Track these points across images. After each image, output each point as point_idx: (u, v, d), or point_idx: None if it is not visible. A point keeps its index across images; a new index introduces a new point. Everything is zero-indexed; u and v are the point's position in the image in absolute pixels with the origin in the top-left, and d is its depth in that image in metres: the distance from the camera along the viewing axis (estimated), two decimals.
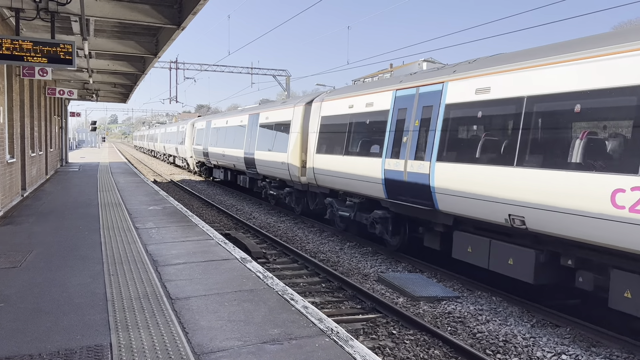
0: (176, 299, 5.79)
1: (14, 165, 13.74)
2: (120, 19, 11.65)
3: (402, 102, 11.01)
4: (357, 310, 8.31)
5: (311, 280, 9.98)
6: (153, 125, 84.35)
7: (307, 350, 4.48)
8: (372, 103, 12.16)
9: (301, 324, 5.10)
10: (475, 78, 8.98)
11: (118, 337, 4.69)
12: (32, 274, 6.75)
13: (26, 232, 9.58)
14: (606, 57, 6.86)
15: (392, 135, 11.18)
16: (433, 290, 9.02)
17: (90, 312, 5.34)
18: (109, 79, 23.24)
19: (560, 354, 6.63)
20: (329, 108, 14.29)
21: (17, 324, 4.99)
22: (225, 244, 8.91)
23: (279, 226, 15.91)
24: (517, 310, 8.25)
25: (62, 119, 32.09)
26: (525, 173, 7.71)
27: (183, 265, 7.34)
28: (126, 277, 6.65)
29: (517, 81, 8.11)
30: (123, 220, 10.98)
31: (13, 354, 4.33)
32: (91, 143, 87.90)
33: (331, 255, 12.09)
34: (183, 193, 24.49)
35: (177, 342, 4.58)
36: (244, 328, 4.96)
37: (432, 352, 6.63)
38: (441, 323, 7.77)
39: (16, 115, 14.13)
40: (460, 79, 9.38)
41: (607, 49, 6.89)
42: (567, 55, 7.46)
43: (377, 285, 9.61)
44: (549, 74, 7.63)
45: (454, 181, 9.12)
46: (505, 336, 7.22)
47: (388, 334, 7.24)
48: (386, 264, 11.29)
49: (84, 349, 4.43)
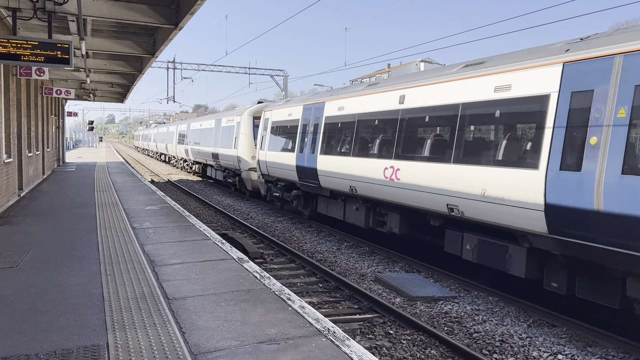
0: (173, 299, 5.79)
1: (11, 165, 13.71)
2: (118, 19, 11.64)
3: (306, 113, 15.88)
4: (354, 310, 8.32)
5: (308, 280, 9.99)
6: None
7: (303, 350, 4.49)
8: (291, 114, 17.02)
9: (298, 324, 5.11)
10: (337, 100, 14.03)
11: (115, 337, 4.69)
12: (29, 274, 6.75)
13: (23, 232, 9.56)
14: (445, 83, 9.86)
15: (300, 136, 16.03)
16: (430, 290, 9.04)
17: (87, 312, 5.34)
18: (106, 78, 23.20)
19: (556, 354, 6.65)
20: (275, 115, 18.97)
21: (13, 324, 4.98)
22: (222, 244, 8.91)
23: (277, 226, 15.92)
24: (513, 310, 8.28)
25: (59, 118, 32.03)
26: (357, 161, 12.47)
27: (180, 265, 7.34)
28: (123, 277, 6.65)
29: (351, 105, 13.23)
30: (120, 221, 10.98)
31: (10, 354, 4.32)
32: (88, 143, 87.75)
33: (328, 255, 12.10)
34: (180, 193, 24.46)
35: (174, 342, 4.59)
36: (241, 328, 4.97)
37: (429, 352, 6.65)
38: (438, 323, 7.78)
39: (13, 115, 14.10)
40: (332, 100, 14.38)
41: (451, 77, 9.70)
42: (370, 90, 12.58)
43: (374, 285, 9.63)
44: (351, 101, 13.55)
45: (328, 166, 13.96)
46: (502, 336, 7.25)
47: (385, 334, 7.26)
48: (383, 264, 11.31)
49: (80, 348, 4.43)
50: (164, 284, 6.39)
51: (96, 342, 4.58)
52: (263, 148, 19.06)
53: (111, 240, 8.96)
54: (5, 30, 12.53)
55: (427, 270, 10.60)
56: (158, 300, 5.73)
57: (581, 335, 7.25)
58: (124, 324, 5.00)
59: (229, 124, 24.75)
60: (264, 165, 18.93)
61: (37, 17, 10.41)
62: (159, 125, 65.89)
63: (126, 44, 15.49)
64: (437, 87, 9.95)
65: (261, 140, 19.51)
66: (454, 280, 9.89)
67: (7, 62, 9.84)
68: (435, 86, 10.00)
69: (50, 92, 21.93)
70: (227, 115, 25.87)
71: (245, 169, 21.89)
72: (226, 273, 6.97)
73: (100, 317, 5.20)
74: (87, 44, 14.02)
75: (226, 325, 5.03)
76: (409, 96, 10.80)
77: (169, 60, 43.70)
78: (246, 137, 22.05)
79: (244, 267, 7.33)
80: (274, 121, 18.50)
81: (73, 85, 25.65)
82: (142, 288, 6.19)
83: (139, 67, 19.49)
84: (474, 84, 8.94)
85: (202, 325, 5.01)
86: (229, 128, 24.38)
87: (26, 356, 4.28)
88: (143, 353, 4.35)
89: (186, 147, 35.30)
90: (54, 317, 5.18)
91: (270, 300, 5.83)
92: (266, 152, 18.65)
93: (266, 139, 18.94)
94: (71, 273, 6.79)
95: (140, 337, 4.70)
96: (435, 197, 9.61)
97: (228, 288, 6.27)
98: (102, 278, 6.58)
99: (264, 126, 19.58)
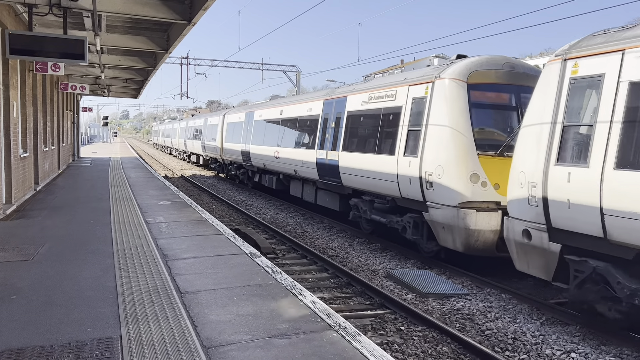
0: (185, 293, 5.84)
1: (27, 160, 13.89)
2: (132, 15, 11.70)
3: (248, 116, 23.65)
4: (365, 306, 8.32)
5: (320, 276, 10.00)
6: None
7: (314, 344, 4.50)
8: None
9: (309, 319, 5.11)
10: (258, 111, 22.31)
11: (128, 329, 4.74)
12: (44, 267, 6.84)
13: (39, 226, 9.69)
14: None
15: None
16: (442, 287, 8.99)
17: (101, 305, 5.40)
18: (121, 74, 23.36)
19: (569, 352, 6.59)
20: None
21: (29, 316, 5.06)
22: (234, 239, 8.95)
23: (289, 222, 15.95)
24: (526, 308, 8.21)
25: (74, 114, 32.34)
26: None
27: (193, 259, 7.39)
28: (136, 270, 6.71)
29: None
30: (134, 215, 11.07)
31: (25, 345, 4.39)
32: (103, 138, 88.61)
33: (340, 251, 12.10)
34: (193, 188, 24.61)
35: (186, 335, 4.62)
36: (253, 322, 4.99)
37: (441, 348, 6.62)
38: (450, 320, 7.75)
39: (29, 110, 14.27)
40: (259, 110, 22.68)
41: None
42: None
43: (386, 282, 9.61)
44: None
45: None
46: (514, 333, 7.19)
47: (396, 330, 7.24)
48: (395, 260, 11.28)
49: (94, 341, 4.49)
50: (177, 277, 6.44)
51: (110, 334, 4.63)
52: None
53: (125, 234, 9.05)
54: (22, 26, 12.67)
55: (439, 267, 10.55)
56: (171, 294, 5.78)
57: (595, 333, 7.16)
58: (137, 317, 5.05)
59: (212, 122, 31.76)
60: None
61: (53, 13, 10.50)
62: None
63: (140, 40, 15.57)
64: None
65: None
66: (466, 277, 9.84)
67: (23, 57, 9.94)
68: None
69: (65, 88, 22.15)
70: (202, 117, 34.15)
71: None
72: (238, 268, 7.00)
73: (113, 310, 5.25)
74: (102, 40, 14.11)
75: (238, 319, 5.06)
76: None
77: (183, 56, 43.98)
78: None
79: (256, 262, 7.36)
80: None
81: (88, 80, 25.87)
82: (155, 282, 6.24)
83: (153, 63, 19.59)
84: None
85: (214, 319, 5.03)
86: (212, 125, 31.07)
87: (41, 347, 4.34)
88: (156, 346, 4.39)
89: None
90: (68, 310, 5.24)
91: (282, 295, 5.84)
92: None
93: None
94: (85, 266, 6.87)
95: (153, 330, 4.74)
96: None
97: (240, 282, 6.30)
98: (115, 271, 6.65)
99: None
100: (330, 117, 15.01)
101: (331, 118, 14.92)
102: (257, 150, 21.42)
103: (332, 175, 14.46)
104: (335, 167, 14.14)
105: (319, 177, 15.46)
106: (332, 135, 14.61)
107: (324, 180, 15.14)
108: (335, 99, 14.94)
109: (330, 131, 14.80)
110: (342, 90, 15.16)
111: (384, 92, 12.21)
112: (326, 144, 14.93)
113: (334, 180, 14.35)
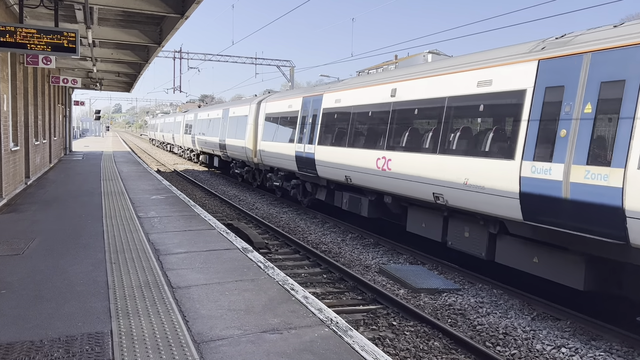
0: (177, 288, 5.82)
1: (18, 153, 13.77)
2: (124, 8, 11.62)
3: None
4: (357, 301, 8.33)
5: (312, 271, 10.00)
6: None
7: (306, 339, 4.50)
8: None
9: (301, 314, 5.11)
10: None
11: (119, 324, 4.72)
12: (35, 261, 6.79)
13: (29, 220, 9.62)
14: None
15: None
16: (434, 282, 9.03)
17: (92, 299, 5.37)
18: (113, 67, 23.21)
19: (559, 347, 6.63)
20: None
21: (18, 311, 5.02)
22: (227, 234, 8.93)
23: (282, 217, 15.94)
24: (517, 303, 8.26)
25: (66, 107, 32.11)
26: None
27: (185, 254, 7.36)
28: (128, 265, 6.68)
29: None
30: (126, 209, 11.02)
31: (15, 340, 4.36)
32: (95, 132, 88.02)
33: (333, 246, 12.11)
34: (186, 183, 24.52)
35: (177, 330, 4.61)
36: (244, 317, 4.98)
37: (432, 343, 6.65)
38: (441, 315, 7.78)
39: (20, 104, 14.14)
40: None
41: None
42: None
43: (378, 277, 9.63)
44: None
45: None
46: (506, 329, 7.24)
47: (388, 325, 7.26)
48: (387, 255, 11.30)
49: (84, 335, 4.46)
50: (169, 272, 6.42)
51: (100, 329, 4.61)
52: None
53: (116, 228, 9.00)
54: (12, 18, 12.53)
55: (432, 262, 10.59)
56: (162, 289, 5.76)
57: (585, 328, 7.22)
58: (128, 312, 5.02)
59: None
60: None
61: (44, 5, 10.41)
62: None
63: (132, 33, 15.47)
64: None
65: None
66: (458, 272, 9.88)
67: (13, 50, 9.84)
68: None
69: (57, 81, 21.96)
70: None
71: None
72: (230, 263, 6.98)
73: (104, 304, 5.23)
74: (94, 33, 14.00)
75: (229, 314, 5.05)
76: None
77: (176, 49, 43.69)
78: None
79: (248, 257, 7.35)
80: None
81: (80, 74, 25.69)
82: (147, 276, 6.21)
83: (146, 57, 19.47)
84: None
85: (205, 314, 5.02)
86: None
87: (30, 342, 4.31)
88: (146, 341, 4.37)
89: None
90: (58, 304, 5.21)
91: (274, 290, 5.84)
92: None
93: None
94: (76, 261, 6.83)
95: (144, 325, 4.72)
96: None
97: (232, 277, 6.29)
98: (106, 266, 6.61)
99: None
100: None
101: None
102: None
103: None
104: None
105: None
106: None
107: None
108: None
109: None
110: None
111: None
112: None
113: None
